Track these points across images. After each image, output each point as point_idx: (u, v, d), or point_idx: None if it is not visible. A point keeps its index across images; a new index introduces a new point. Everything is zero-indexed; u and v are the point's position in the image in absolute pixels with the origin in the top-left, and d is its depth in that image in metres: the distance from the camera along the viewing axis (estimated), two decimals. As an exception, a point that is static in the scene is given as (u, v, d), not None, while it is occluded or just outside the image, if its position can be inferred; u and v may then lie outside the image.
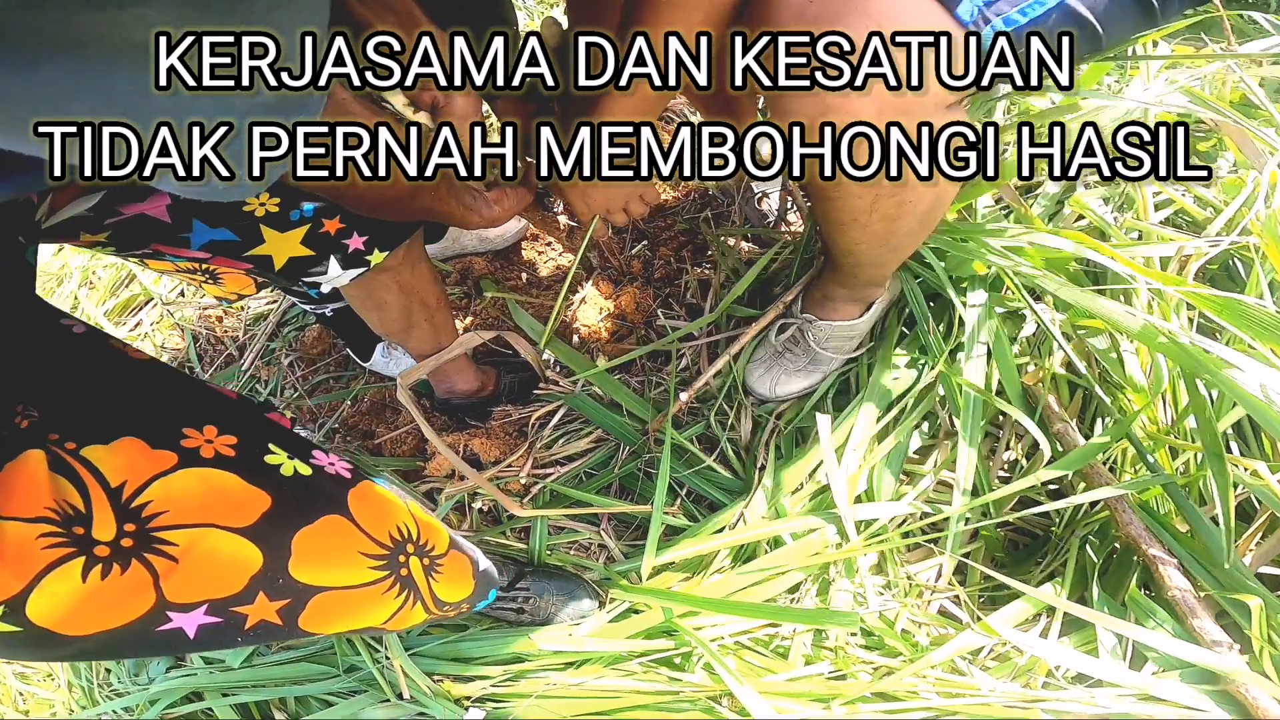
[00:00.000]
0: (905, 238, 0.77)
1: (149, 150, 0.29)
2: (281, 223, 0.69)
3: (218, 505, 0.50)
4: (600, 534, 1.03)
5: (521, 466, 1.10)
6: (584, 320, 1.25)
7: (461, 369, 1.17)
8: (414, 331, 1.00)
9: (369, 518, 0.59)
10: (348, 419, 1.28)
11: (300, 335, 1.39)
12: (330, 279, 0.75)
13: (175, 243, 0.67)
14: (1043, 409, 0.88)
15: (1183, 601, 0.75)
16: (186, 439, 0.50)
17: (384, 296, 0.89)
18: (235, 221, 0.67)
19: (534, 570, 0.96)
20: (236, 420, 0.55)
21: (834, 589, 0.87)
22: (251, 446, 0.54)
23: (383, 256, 0.76)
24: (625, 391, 1.10)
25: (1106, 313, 0.79)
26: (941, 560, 0.88)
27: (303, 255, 0.72)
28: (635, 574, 0.96)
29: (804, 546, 0.90)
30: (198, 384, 0.59)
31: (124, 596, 0.46)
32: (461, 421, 1.23)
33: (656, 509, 0.94)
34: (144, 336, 1.51)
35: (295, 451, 0.57)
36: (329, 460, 0.60)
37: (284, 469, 0.54)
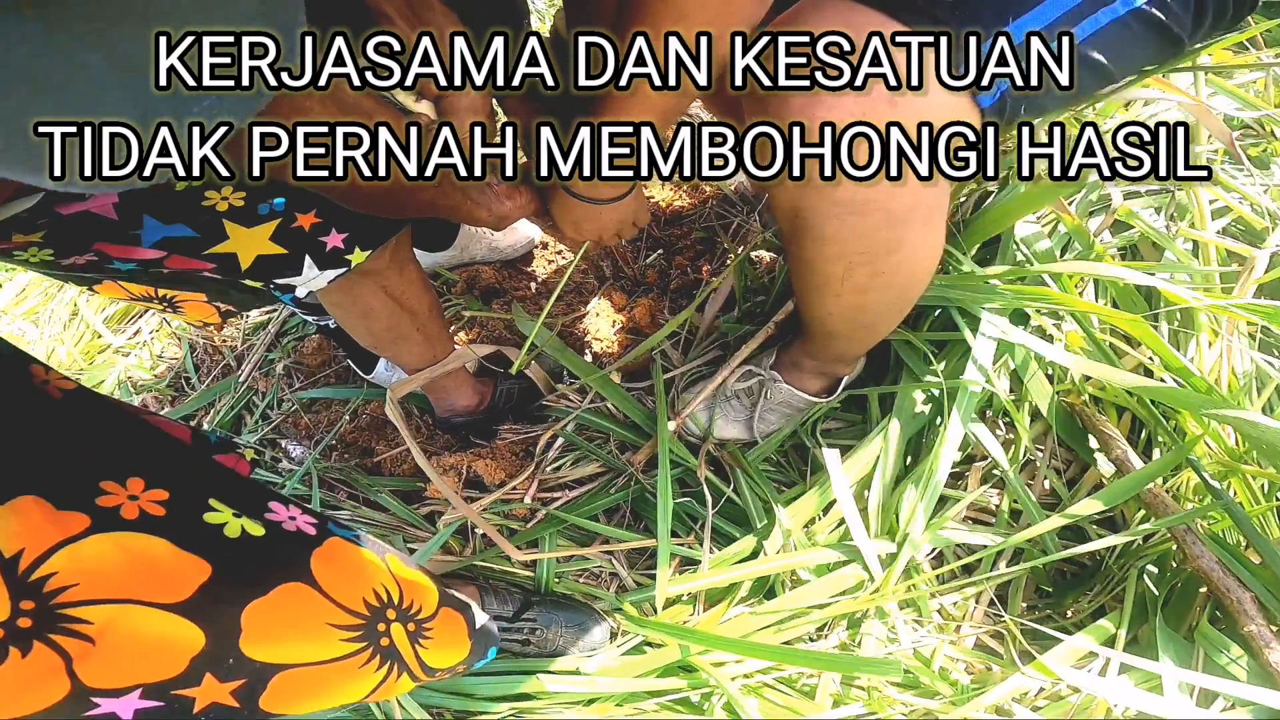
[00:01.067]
0: (878, 314, 0.76)
1: (149, 150, 0.29)
2: (248, 217, 0.63)
3: (141, 577, 0.42)
4: (612, 561, 0.97)
5: (526, 490, 1.04)
6: (595, 333, 1.19)
7: (460, 385, 1.11)
8: (405, 344, 0.94)
9: (338, 583, 0.52)
10: (346, 435, 1.22)
11: (300, 345, 1.33)
12: (306, 281, 0.69)
13: (123, 240, 0.60)
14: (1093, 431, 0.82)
15: (1259, 636, 0.69)
16: (105, 496, 0.42)
17: (369, 302, 0.83)
18: (194, 217, 0.61)
19: (541, 600, 0.89)
20: (171, 470, 0.47)
21: (864, 625, 0.81)
22: (187, 503, 0.46)
23: (364, 256, 0.70)
24: (635, 405, 1.04)
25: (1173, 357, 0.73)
26: (979, 591, 0.81)
27: (273, 254, 0.66)
28: (649, 604, 0.89)
29: (830, 584, 0.83)
30: (131, 423, 0.50)
31: (29, 684, 0.40)
32: (466, 440, 1.17)
33: (662, 540, 0.88)
34: (142, 345, 1.47)
35: (245, 506, 0.49)
36: (288, 514, 0.52)
37: (228, 529, 0.47)
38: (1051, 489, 0.86)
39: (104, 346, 1.48)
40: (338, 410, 1.26)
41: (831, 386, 0.95)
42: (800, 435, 1.00)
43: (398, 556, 0.61)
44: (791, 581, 0.86)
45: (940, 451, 0.80)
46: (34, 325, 1.52)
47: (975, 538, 0.82)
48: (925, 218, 0.63)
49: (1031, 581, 0.85)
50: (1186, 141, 0.55)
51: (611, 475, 1.04)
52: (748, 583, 0.87)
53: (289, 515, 0.52)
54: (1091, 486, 0.77)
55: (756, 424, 1.00)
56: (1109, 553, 0.83)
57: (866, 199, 0.59)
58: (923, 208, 0.62)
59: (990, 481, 0.87)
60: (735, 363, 0.99)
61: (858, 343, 0.84)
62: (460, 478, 1.09)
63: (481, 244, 1.39)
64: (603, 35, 0.59)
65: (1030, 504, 0.80)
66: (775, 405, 0.98)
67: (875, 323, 0.77)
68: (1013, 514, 0.85)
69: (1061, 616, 0.81)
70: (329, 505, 1.11)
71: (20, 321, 1.52)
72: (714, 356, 1.11)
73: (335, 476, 1.16)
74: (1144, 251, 0.92)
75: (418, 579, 0.61)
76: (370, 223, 0.70)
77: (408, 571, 0.60)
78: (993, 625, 0.80)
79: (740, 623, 0.83)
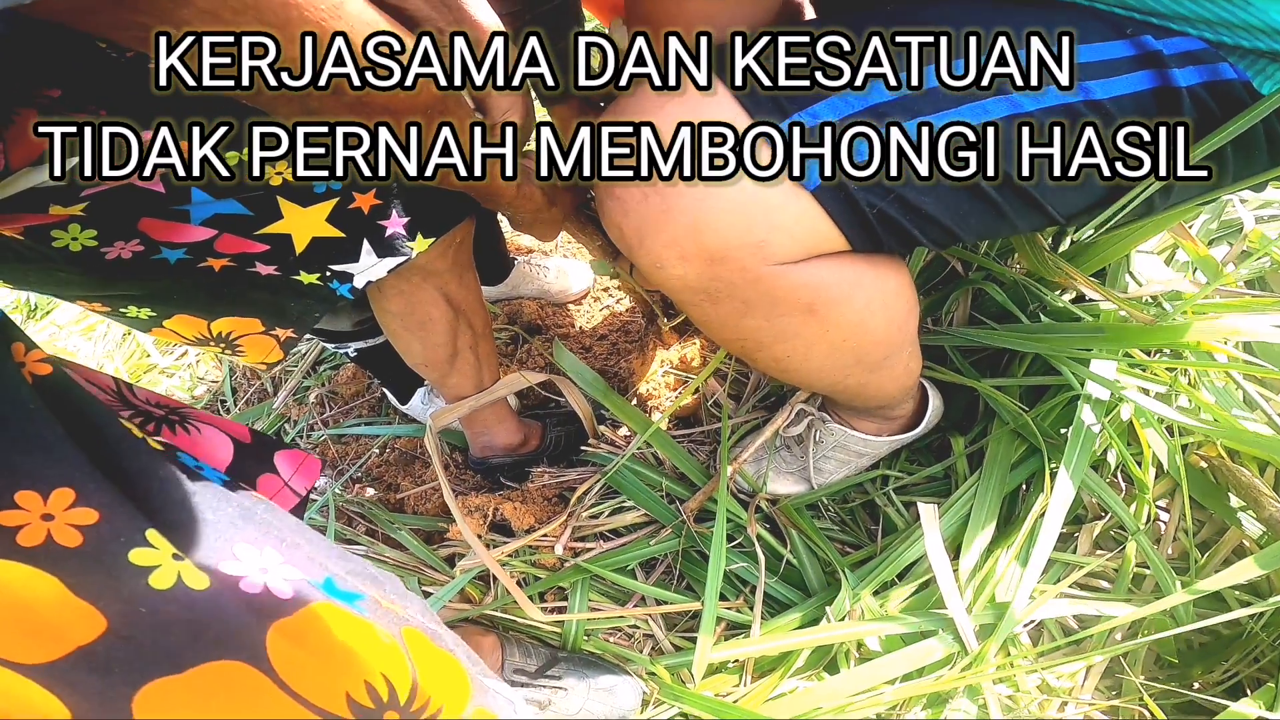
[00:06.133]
0: (835, 381, 0.68)
1: (149, 150, 0.30)
2: (304, 195, 0.59)
3: (3, 621, 0.31)
4: (648, 621, 0.85)
5: (559, 537, 0.94)
6: (642, 374, 1.12)
7: (503, 418, 1.04)
8: (457, 363, 0.89)
9: (306, 669, 0.36)
10: (372, 468, 1.16)
11: (335, 375, 1.30)
12: (364, 270, 0.64)
13: (170, 216, 0.56)
14: (1234, 487, 0.69)
15: None
16: (11, 510, 0.32)
17: (429, 311, 0.79)
18: (246, 192, 0.57)
19: (569, 656, 0.78)
20: (113, 483, 0.35)
21: (952, 703, 0.67)
22: (115, 532, 0.34)
23: (426, 244, 0.66)
24: (683, 455, 0.95)
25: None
26: (1087, 664, 0.67)
27: (329, 236, 0.61)
28: (688, 670, 0.77)
29: (906, 659, 0.70)
30: (99, 421, 0.38)
31: None
32: (496, 481, 1.09)
33: (709, 599, 0.77)
34: (186, 366, 1.46)
35: (197, 545, 0.36)
36: (260, 564, 0.37)
37: (157, 576, 0.33)
38: (1177, 552, 0.73)
39: (150, 366, 1.48)
40: (366, 443, 1.21)
41: (893, 429, 0.84)
42: (870, 492, 0.89)
43: (421, 630, 0.43)
44: (859, 654, 0.73)
45: (1049, 510, 0.68)
46: (88, 341, 1.54)
47: (1088, 608, 0.69)
48: (808, 307, 0.57)
49: (1151, 652, 0.71)
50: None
51: (654, 527, 0.94)
52: (805, 652, 0.74)
53: (260, 566, 0.37)
54: (1232, 548, 0.65)
55: (812, 474, 0.89)
56: (1252, 620, 0.69)
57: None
58: (799, 297, 0.56)
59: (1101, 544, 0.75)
60: (792, 406, 0.90)
61: (855, 397, 0.74)
62: (486, 520, 1.00)
63: (533, 285, 1.36)
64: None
65: (1163, 570, 0.67)
66: (830, 451, 0.88)
67: (847, 380, 0.68)
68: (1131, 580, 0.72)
69: (1188, 690, 0.66)
70: (344, 540, 1.03)
71: (76, 337, 1.54)
72: (768, 405, 1.02)
73: (355, 510, 1.08)
74: (1273, 283, 0.81)
75: (444, 665, 0.44)
76: (434, 206, 0.66)
77: (433, 653, 0.43)
78: (1110, 702, 0.65)
79: (795, 700, 0.70)
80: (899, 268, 0.62)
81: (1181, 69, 0.50)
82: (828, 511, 0.92)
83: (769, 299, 0.56)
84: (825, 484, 0.89)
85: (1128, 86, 0.50)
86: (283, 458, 0.56)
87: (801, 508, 0.89)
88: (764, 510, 0.90)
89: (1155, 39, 0.50)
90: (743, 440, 0.95)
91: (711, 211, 0.52)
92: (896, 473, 0.89)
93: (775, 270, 0.54)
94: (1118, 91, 0.50)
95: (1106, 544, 0.76)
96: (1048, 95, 0.50)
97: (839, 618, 0.74)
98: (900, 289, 0.62)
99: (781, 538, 0.88)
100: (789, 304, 0.57)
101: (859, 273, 0.57)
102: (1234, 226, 0.84)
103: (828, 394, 0.76)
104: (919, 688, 0.66)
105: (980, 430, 0.86)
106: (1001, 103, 0.49)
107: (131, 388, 0.51)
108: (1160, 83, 0.50)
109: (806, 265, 0.55)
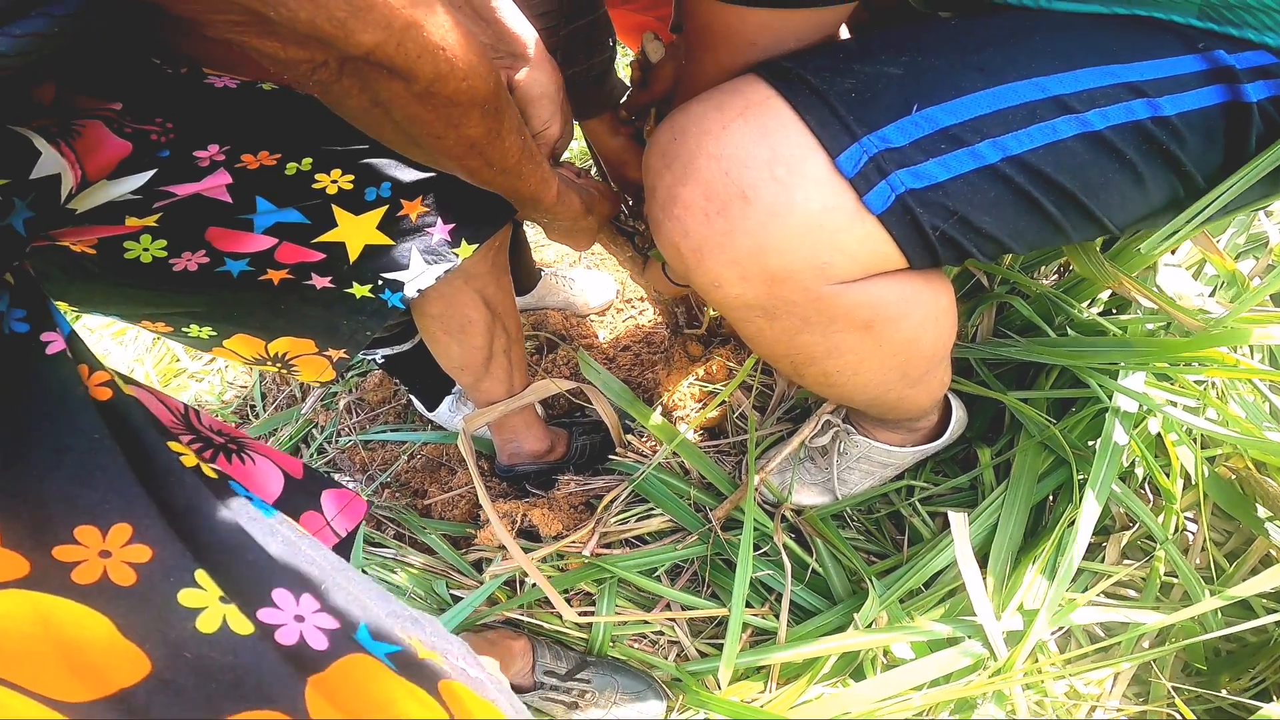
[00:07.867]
0: (874, 396, 0.68)
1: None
2: (356, 203, 0.62)
3: (44, 660, 0.30)
4: (673, 626, 0.86)
5: (586, 543, 0.96)
6: (668, 384, 1.14)
7: (531, 425, 1.06)
8: (492, 366, 0.91)
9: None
10: (401, 474, 1.17)
11: (362, 381, 1.32)
12: (414, 277, 0.67)
13: (236, 225, 0.59)
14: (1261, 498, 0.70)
15: None
16: (69, 545, 0.32)
17: (469, 314, 0.81)
18: (305, 200, 0.60)
19: (597, 661, 0.79)
20: (165, 520, 0.35)
21: (980, 709, 0.67)
22: (168, 570, 0.34)
23: (471, 250, 0.68)
24: (710, 464, 0.96)
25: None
26: (1115, 670, 0.68)
27: (380, 244, 0.64)
28: (713, 677, 0.78)
29: (934, 665, 0.71)
30: (147, 442, 0.38)
31: None
32: (523, 489, 1.11)
33: (736, 605, 0.78)
34: (216, 371, 1.49)
35: (241, 589, 0.35)
36: (295, 612, 0.36)
37: (204, 619, 0.33)
38: (1205, 562, 0.73)
39: (180, 370, 1.51)
40: (394, 449, 1.23)
41: (917, 439, 0.85)
42: (895, 503, 0.90)
43: (460, 682, 0.40)
44: (886, 661, 0.74)
45: (1079, 521, 0.69)
46: (120, 345, 1.57)
47: (1116, 615, 0.70)
48: (865, 324, 0.57)
49: (1179, 659, 0.71)
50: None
51: (680, 534, 0.95)
52: (832, 659, 0.75)
53: (295, 614, 0.36)
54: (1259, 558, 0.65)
55: (837, 485, 0.90)
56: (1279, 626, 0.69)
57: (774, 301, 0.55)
58: (857, 315, 0.56)
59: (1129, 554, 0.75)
60: (819, 417, 0.92)
61: (890, 411, 0.75)
62: (514, 525, 1.02)
63: (558, 296, 1.38)
64: None
65: (1193, 578, 0.68)
66: (854, 462, 0.88)
67: (883, 399, 0.69)
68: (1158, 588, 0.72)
69: (1215, 697, 0.67)
70: (373, 544, 1.05)
71: (108, 340, 1.58)
72: (793, 418, 1.03)
73: (385, 514, 1.10)
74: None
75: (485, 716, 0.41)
76: (475, 214, 0.68)
77: (474, 705, 0.40)
78: (1138, 707, 0.66)
79: (821, 705, 0.71)
80: (947, 284, 0.62)
81: (1252, 83, 0.49)
82: (853, 522, 0.92)
83: (826, 316, 0.56)
84: (850, 495, 0.90)
85: (1197, 101, 0.49)
86: (330, 496, 0.55)
87: (827, 517, 0.90)
88: (789, 520, 0.91)
89: (1228, 53, 0.49)
90: (768, 451, 0.97)
91: (776, 235, 0.51)
92: (922, 483, 0.89)
93: (835, 289, 0.54)
94: (1186, 107, 0.49)
95: (1134, 554, 0.77)
96: (1115, 113, 0.49)
97: (866, 625, 0.75)
98: (950, 305, 0.62)
99: (807, 547, 0.89)
100: (846, 321, 0.57)
101: (915, 290, 0.58)
102: (1260, 240, 0.85)
103: (864, 408, 0.76)
104: (947, 693, 0.67)
105: (1006, 442, 0.87)
106: (1071, 122, 0.49)
107: (199, 414, 0.51)
108: (1230, 97, 0.49)
109: (865, 284, 0.55)
